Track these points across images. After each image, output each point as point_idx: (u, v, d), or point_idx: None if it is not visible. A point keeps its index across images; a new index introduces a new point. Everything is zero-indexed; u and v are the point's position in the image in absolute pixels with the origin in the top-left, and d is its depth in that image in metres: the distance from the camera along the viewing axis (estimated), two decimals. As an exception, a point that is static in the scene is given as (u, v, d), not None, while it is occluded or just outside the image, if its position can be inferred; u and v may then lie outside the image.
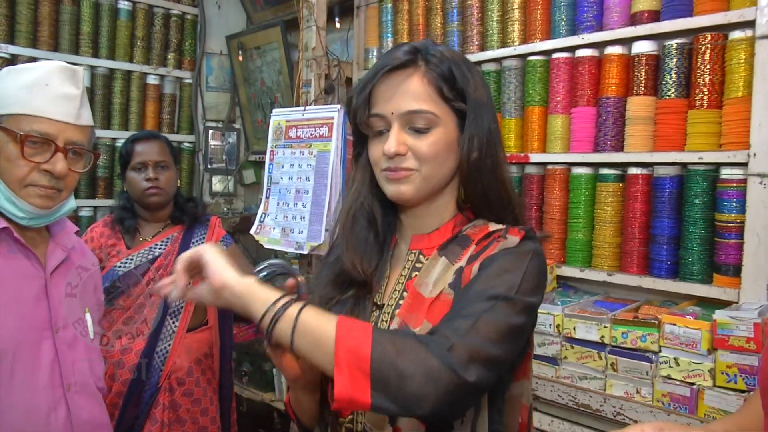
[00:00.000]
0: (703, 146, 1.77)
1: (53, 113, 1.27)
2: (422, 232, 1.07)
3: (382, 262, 1.09)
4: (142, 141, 2.15)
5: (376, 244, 1.09)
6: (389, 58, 1.01)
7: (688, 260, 1.80)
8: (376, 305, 1.06)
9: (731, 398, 1.50)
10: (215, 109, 3.56)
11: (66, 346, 1.34)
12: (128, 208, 2.14)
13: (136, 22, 3.25)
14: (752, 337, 1.48)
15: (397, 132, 0.99)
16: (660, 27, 1.86)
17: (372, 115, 1.01)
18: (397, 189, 1.01)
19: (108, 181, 3.19)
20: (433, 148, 0.99)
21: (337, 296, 1.08)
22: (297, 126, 2.50)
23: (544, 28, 2.14)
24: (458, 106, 1.00)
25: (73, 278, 1.41)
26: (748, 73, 1.68)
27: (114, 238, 2.11)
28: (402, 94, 0.99)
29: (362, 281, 1.06)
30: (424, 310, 0.97)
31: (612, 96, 1.96)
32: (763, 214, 1.63)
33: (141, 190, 2.09)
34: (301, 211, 2.36)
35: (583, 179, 2.02)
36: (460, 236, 1.04)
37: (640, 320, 1.68)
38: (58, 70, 1.30)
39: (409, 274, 1.05)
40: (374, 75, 1.01)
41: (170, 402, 2.05)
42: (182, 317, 2.11)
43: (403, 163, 0.99)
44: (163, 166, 2.13)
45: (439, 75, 0.99)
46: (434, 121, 0.99)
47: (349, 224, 1.09)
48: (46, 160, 1.26)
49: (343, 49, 3.00)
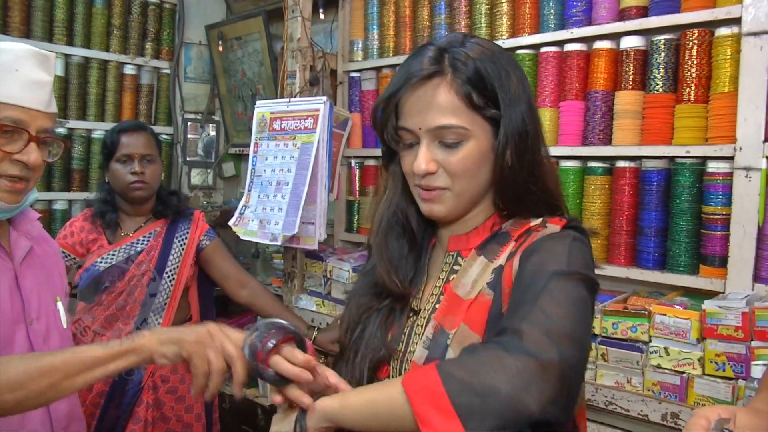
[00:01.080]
0: (690, 140, 1.81)
1: (25, 100, 1.20)
2: (459, 233, 1.04)
3: (419, 268, 1.06)
4: (128, 132, 2.08)
5: (413, 252, 1.07)
6: (415, 66, 0.96)
7: (675, 252, 1.84)
8: (413, 311, 1.03)
9: (720, 386, 1.54)
10: (194, 101, 3.49)
11: (41, 338, 1.30)
12: (109, 201, 2.09)
13: (113, 10, 3.16)
14: (740, 326, 1.52)
15: (426, 148, 0.95)
16: (648, 22, 1.89)
17: (400, 128, 0.98)
18: (430, 209, 0.99)
19: (83, 173, 3.11)
20: (464, 163, 0.95)
21: (374, 305, 1.06)
22: (281, 118, 2.48)
23: (533, 22, 2.16)
24: (490, 114, 0.95)
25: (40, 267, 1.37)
26: (734, 69, 1.72)
27: (95, 233, 2.06)
28: (429, 108, 0.94)
29: (393, 293, 1.04)
30: (461, 312, 0.94)
31: (600, 90, 1.99)
32: (749, 207, 1.67)
33: (126, 184, 2.04)
34: (280, 202, 2.34)
35: (572, 172, 2.05)
36: (499, 234, 1.00)
37: (630, 311, 1.71)
38: (29, 55, 1.24)
39: (447, 277, 1.02)
40: (399, 87, 0.97)
41: (154, 400, 2.02)
42: (166, 314, 2.07)
43: (434, 182, 0.96)
44: (149, 159, 2.08)
45: (467, 82, 0.94)
46: (465, 135, 0.94)
47: (383, 235, 1.07)
48: (19, 150, 1.20)
49: (327, 40, 2.98)
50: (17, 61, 1.21)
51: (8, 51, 1.21)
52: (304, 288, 2.55)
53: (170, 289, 2.07)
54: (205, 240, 2.19)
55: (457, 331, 0.93)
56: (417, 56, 0.97)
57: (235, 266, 2.25)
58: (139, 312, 2.00)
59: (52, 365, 1.03)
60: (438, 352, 0.93)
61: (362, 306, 1.07)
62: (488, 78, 0.94)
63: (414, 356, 0.96)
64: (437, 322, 0.96)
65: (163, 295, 2.05)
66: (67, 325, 1.39)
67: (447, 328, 0.94)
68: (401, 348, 1.00)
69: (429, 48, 0.97)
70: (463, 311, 0.94)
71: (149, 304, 2.02)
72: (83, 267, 2.01)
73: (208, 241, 2.19)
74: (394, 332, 1.03)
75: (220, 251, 2.21)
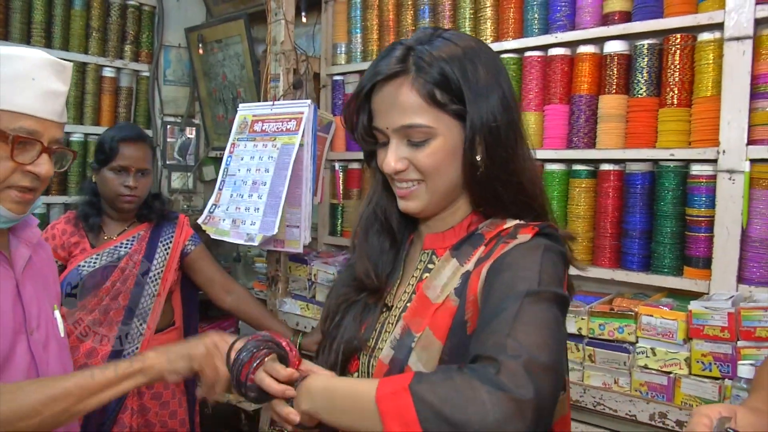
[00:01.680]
0: (674, 143, 1.83)
1: (40, 110, 1.17)
2: (436, 231, 1.04)
3: (396, 263, 1.08)
4: (129, 143, 2.00)
5: (393, 248, 1.08)
6: (381, 66, 0.96)
7: (659, 253, 1.86)
8: (386, 306, 1.05)
9: (707, 386, 1.55)
10: (173, 104, 3.45)
11: (41, 347, 1.27)
12: (94, 204, 2.04)
13: (92, 12, 3.12)
14: (726, 326, 1.54)
15: (395, 147, 0.97)
16: (631, 27, 1.91)
17: (374, 128, 1.00)
18: (405, 205, 1.01)
19: (61, 176, 3.05)
20: (432, 160, 0.95)
21: (352, 297, 1.07)
22: (264, 120, 2.46)
23: (517, 26, 2.17)
24: (454, 110, 0.94)
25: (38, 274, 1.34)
26: (717, 74, 1.75)
27: (77, 236, 2.01)
28: (393, 108, 0.95)
29: (373, 287, 1.05)
30: (428, 315, 0.94)
31: (584, 94, 2.01)
32: (733, 209, 1.70)
33: (116, 194, 1.99)
34: (256, 202, 2.31)
35: (557, 175, 2.06)
36: (474, 235, 0.99)
37: (617, 312, 1.72)
38: (46, 64, 1.20)
39: (421, 275, 1.02)
40: (364, 87, 0.98)
41: (139, 406, 1.98)
42: (150, 318, 2.03)
43: (407, 176, 0.98)
44: (144, 172, 2.03)
45: (430, 80, 0.93)
46: (430, 133, 0.94)
47: (363, 231, 1.09)
48: (32, 161, 1.17)
49: (309, 44, 2.97)
50: (34, 70, 1.18)
51: (25, 59, 1.18)
52: (288, 291, 2.53)
53: (154, 293, 2.03)
54: (190, 245, 2.15)
55: (422, 335, 0.93)
56: (385, 56, 0.97)
57: (220, 271, 2.22)
58: (123, 317, 1.96)
59: (65, 390, 1.05)
60: (403, 353, 0.94)
61: (341, 296, 1.09)
62: (451, 75, 0.93)
63: (381, 354, 0.97)
64: (405, 323, 0.96)
65: (147, 299, 2.01)
66: (64, 333, 1.37)
67: (413, 330, 0.94)
68: (371, 343, 1.02)
69: (397, 47, 0.97)
70: (429, 315, 0.94)
71: (133, 308, 1.98)
72: (65, 271, 1.96)
73: (193, 245, 2.16)
74: (367, 326, 1.04)
75: (205, 256, 2.18)
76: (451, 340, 0.91)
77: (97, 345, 1.93)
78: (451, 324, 0.92)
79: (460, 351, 0.89)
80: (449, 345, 0.91)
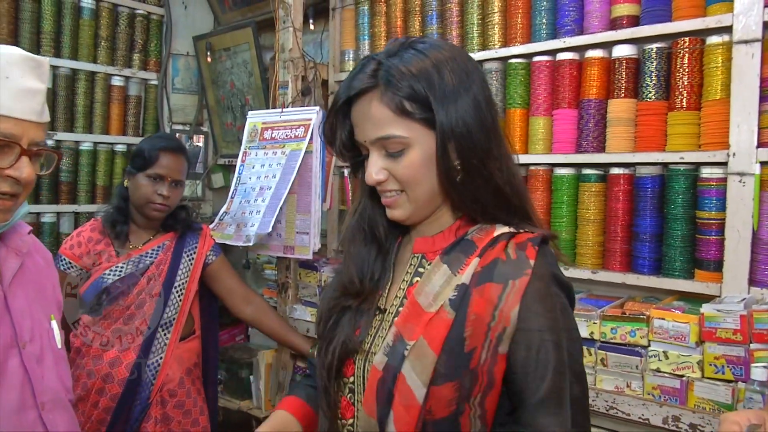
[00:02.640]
0: (684, 146, 1.83)
1: (16, 111, 1.10)
2: (425, 235, 1.05)
3: (386, 267, 1.09)
4: (169, 153, 2.02)
5: (380, 255, 1.09)
6: (353, 81, 0.98)
7: (670, 257, 1.86)
8: (379, 309, 1.06)
9: (720, 389, 1.55)
10: (182, 112, 3.48)
11: (35, 361, 1.22)
12: (122, 210, 2.04)
13: (100, 21, 3.14)
14: (739, 328, 1.54)
15: (375, 159, 0.99)
16: (640, 31, 1.92)
17: (356, 139, 1.02)
18: (391, 214, 1.03)
19: (72, 186, 3.07)
20: (409, 171, 0.97)
21: (343, 303, 1.08)
22: (273, 128, 2.47)
23: (525, 31, 2.18)
24: (425, 117, 0.95)
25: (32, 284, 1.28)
26: (726, 77, 1.75)
27: (103, 244, 2.01)
28: (366, 121, 0.98)
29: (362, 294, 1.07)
30: (422, 324, 0.94)
31: (593, 98, 2.01)
32: (743, 211, 1.70)
33: (147, 201, 1.99)
34: (259, 206, 2.33)
35: (566, 179, 2.07)
36: (464, 241, 0.99)
37: (629, 316, 1.73)
38: (20, 60, 1.13)
39: (411, 279, 1.03)
40: (336, 103, 1.01)
41: (162, 415, 1.98)
42: (174, 328, 2.03)
43: (388, 186, 1.00)
44: (179, 184, 2.05)
45: (398, 92, 0.94)
46: (405, 143, 0.96)
47: (349, 239, 1.11)
48: (11, 165, 1.11)
49: (317, 50, 2.98)
50: (7, 68, 1.11)
51: None
52: (298, 298, 2.53)
53: (179, 303, 2.03)
54: (212, 255, 2.17)
55: (416, 344, 0.93)
56: (358, 71, 0.99)
57: (240, 282, 2.23)
58: (148, 326, 1.96)
59: None
60: (396, 360, 0.95)
61: (333, 301, 1.10)
62: (418, 89, 0.94)
63: (375, 360, 0.98)
64: (398, 329, 0.97)
65: (172, 309, 2.02)
66: (61, 344, 1.31)
67: (406, 337, 0.95)
68: (366, 346, 1.03)
69: (369, 62, 0.99)
70: (423, 323, 0.94)
71: (158, 318, 1.98)
72: (90, 279, 1.96)
73: (214, 256, 2.17)
74: (361, 329, 1.04)
75: (225, 266, 2.19)
76: (446, 352, 0.92)
77: (121, 354, 1.94)
78: (446, 336, 0.93)
79: (454, 364, 0.92)
80: (444, 357, 0.92)
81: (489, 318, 0.93)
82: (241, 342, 3.03)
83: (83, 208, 3.08)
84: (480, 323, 0.92)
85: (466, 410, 0.93)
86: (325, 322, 1.10)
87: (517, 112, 2.18)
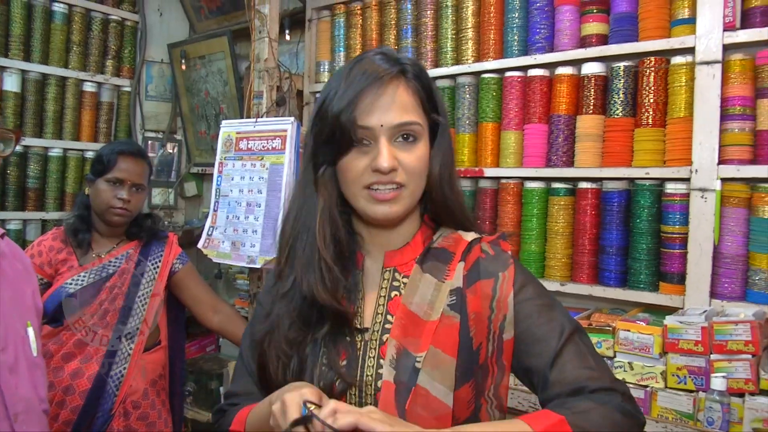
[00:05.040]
0: (649, 162, 1.89)
1: None
2: (392, 248, 1.04)
3: (351, 284, 1.01)
4: (128, 157, 1.99)
5: (340, 266, 1.00)
6: (375, 68, 0.97)
7: (635, 269, 1.91)
8: (358, 330, 1.00)
9: (682, 398, 1.59)
10: (155, 119, 3.45)
11: (7, 370, 1.17)
12: (85, 219, 2.01)
13: (72, 26, 3.11)
14: (700, 340, 1.58)
15: (387, 145, 0.95)
16: (608, 50, 1.97)
17: (358, 127, 0.95)
18: (388, 210, 0.97)
19: (39, 192, 3.02)
20: (419, 162, 0.98)
21: (309, 334, 0.98)
22: (248, 138, 2.47)
23: (497, 47, 2.23)
24: (435, 119, 1.01)
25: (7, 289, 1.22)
26: (689, 95, 1.82)
27: (65, 253, 1.97)
28: (391, 106, 0.95)
29: (341, 311, 0.97)
30: (426, 334, 0.94)
31: (563, 114, 2.06)
32: (705, 226, 1.75)
33: (108, 206, 1.96)
34: (253, 224, 2.32)
35: (536, 193, 2.11)
36: (434, 250, 1.02)
37: (596, 327, 1.76)
38: None
39: (388, 294, 1.01)
40: (362, 87, 0.95)
41: (125, 427, 1.93)
42: (138, 339, 1.98)
43: (395, 178, 0.96)
44: (139, 188, 2.02)
45: (419, 84, 0.99)
46: (420, 133, 0.98)
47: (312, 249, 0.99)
48: None
49: (292, 61, 3.00)
50: None
51: None
52: (269, 308, 2.52)
53: (143, 313, 1.99)
54: (178, 263, 2.13)
55: (427, 354, 0.93)
56: (370, 61, 0.99)
57: (207, 290, 2.20)
58: (110, 337, 1.93)
59: None
60: (406, 374, 0.92)
61: (291, 339, 0.98)
62: (432, 87, 1.02)
63: (384, 375, 0.93)
64: (399, 343, 0.94)
65: (135, 319, 1.97)
66: (37, 352, 1.26)
67: (412, 350, 0.93)
68: (357, 373, 0.96)
69: (377, 55, 1.00)
70: (428, 333, 0.94)
71: (122, 328, 1.94)
72: (51, 289, 1.92)
73: (180, 264, 2.14)
74: (347, 357, 0.97)
75: (192, 275, 2.16)
76: (462, 355, 0.94)
77: (83, 365, 1.89)
78: (459, 340, 0.95)
79: (468, 365, 0.95)
80: (460, 360, 0.94)
81: (488, 312, 0.97)
82: (211, 353, 3.00)
83: (51, 216, 3.03)
84: (480, 319, 0.96)
85: (483, 405, 0.96)
86: (284, 369, 0.98)
87: (489, 126, 2.22)
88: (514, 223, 2.15)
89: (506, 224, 2.16)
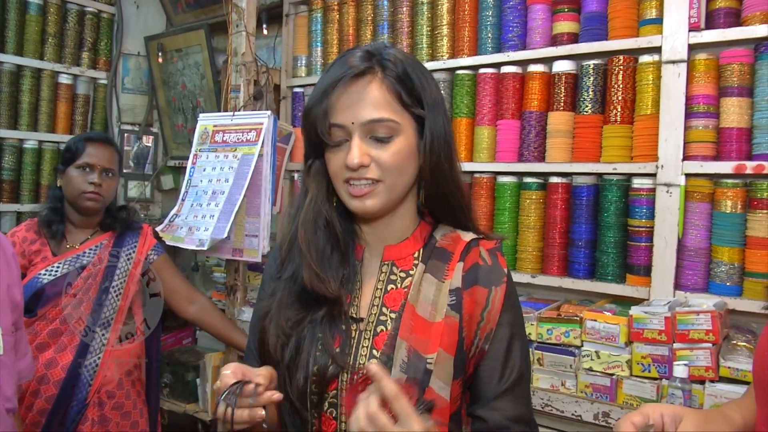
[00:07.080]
0: (617, 158, 1.94)
1: None
2: (390, 242, 1.06)
3: (350, 273, 1.05)
4: (96, 143, 2.03)
5: (337, 255, 1.04)
6: (345, 66, 0.98)
7: (603, 262, 1.96)
8: (353, 319, 1.03)
9: (646, 386, 1.65)
10: (131, 112, 3.44)
11: None
12: (58, 210, 2.02)
13: (48, 17, 3.09)
14: (663, 329, 1.64)
15: (359, 142, 0.96)
16: (578, 48, 2.02)
17: (331, 125, 0.98)
18: (363, 204, 0.99)
19: (14, 184, 3.00)
20: (396, 158, 0.98)
21: (306, 316, 1.02)
22: (224, 131, 2.48)
23: (472, 44, 2.27)
24: (417, 112, 1.00)
25: None
26: (656, 93, 1.87)
27: (38, 244, 1.98)
28: (361, 103, 0.96)
29: (333, 297, 1.01)
30: (434, 335, 0.97)
31: (534, 110, 2.11)
32: (670, 220, 1.81)
33: (80, 192, 1.98)
34: (213, 210, 2.34)
35: (508, 187, 2.15)
36: (436, 249, 1.04)
37: (564, 317, 1.82)
38: None
39: (385, 287, 1.04)
40: (333, 85, 0.98)
41: (99, 417, 1.94)
42: (113, 328, 2.00)
43: (366, 174, 0.97)
44: (109, 173, 2.04)
45: (397, 80, 0.98)
46: (396, 130, 0.97)
47: (307, 238, 1.03)
48: None
49: (270, 55, 3.01)
50: None
51: None
52: (246, 300, 2.54)
53: (117, 303, 2.01)
54: (153, 254, 2.14)
55: (437, 355, 0.96)
56: (345, 57, 1.01)
57: (183, 281, 2.22)
58: (84, 327, 1.94)
59: None
60: (419, 375, 0.95)
61: (291, 319, 1.02)
62: (414, 79, 1.00)
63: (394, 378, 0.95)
64: (410, 345, 0.97)
65: (109, 309, 1.99)
66: (3, 350, 1.22)
67: (422, 352, 0.96)
68: (350, 360, 0.99)
69: (356, 50, 1.01)
70: (436, 335, 0.97)
71: (96, 318, 1.95)
72: (24, 279, 1.92)
73: (155, 255, 2.15)
74: (341, 344, 1.00)
75: (167, 266, 2.18)
76: (457, 353, 0.99)
77: (57, 355, 1.90)
78: (457, 339, 0.99)
79: (460, 362, 0.99)
80: (455, 358, 0.98)
81: (478, 318, 1.00)
82: (188, 345, 3.01)
83: (26, 208, 3.01)
84: (471, 322, 1.00)
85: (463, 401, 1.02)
86: (282, 347, 1.02)
87: (463, 121, 2.26)
88: (487, 216, 2.19)
89: (480, 218, 2.17)
